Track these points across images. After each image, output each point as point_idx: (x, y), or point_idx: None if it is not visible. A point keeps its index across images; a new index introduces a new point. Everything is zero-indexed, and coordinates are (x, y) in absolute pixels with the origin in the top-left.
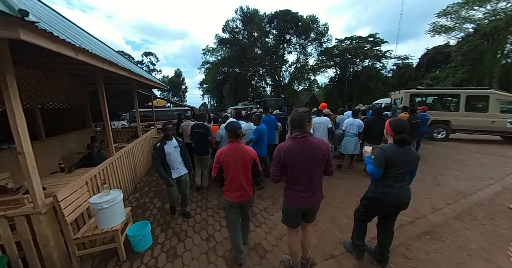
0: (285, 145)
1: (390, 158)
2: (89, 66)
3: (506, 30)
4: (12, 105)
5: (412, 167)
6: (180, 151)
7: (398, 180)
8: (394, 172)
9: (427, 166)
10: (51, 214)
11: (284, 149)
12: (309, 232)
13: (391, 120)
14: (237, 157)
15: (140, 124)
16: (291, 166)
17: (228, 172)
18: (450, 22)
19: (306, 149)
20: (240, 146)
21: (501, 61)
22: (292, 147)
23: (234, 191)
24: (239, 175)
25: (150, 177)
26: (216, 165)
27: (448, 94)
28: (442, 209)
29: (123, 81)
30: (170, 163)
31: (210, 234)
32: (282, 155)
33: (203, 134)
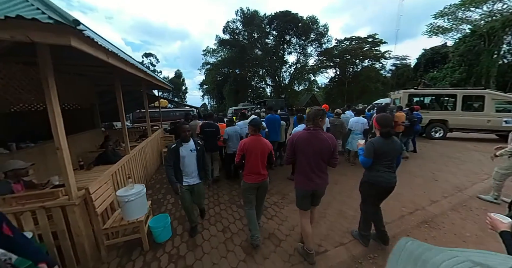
0: (298, 134)
1: (378, 148)
2: (102, 67)
3: (502, 31)
4: (52, 105)
5: (397, 154)
6: (197, 155)
7: (386, 167)
8: (382, 160)
9: (425, 163)
10: (83, 205)
11: (297, 137)
12: (314, 214)
13: (377, 117)
14: (257, 147)
15: (145, 124)
16: (301, 151)
17: (250, 159)
18: (447, 23)
19: (315, 139)
20: (260, 138)
21: (498, 61)
22: (304, 136)
23: (253, 175)
24: (257, 161)
25: (160, 175)
26: (240, 152)
27: (445, 94)
28: (439, 201)
29: (133, 82)
30: (184, 168)
31: (226, 226)
32: (294, 141)
33: (214, 132)
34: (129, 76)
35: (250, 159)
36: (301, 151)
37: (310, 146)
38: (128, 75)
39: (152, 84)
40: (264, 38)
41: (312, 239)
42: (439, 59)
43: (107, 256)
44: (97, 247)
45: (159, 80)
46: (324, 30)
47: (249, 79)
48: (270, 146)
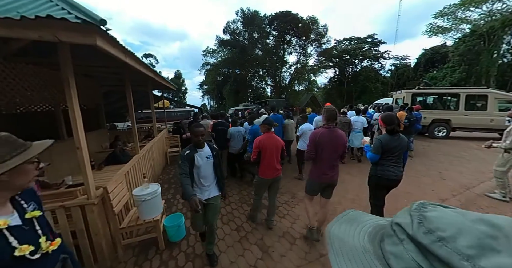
0: (320, 131)
1: (385, 145)
2: (109, 68)
3: (502, 31)
4: (73, 104)
5: (403, 150)
6: (214, 162)
7: (393, 161)
8: (389, 155)
9: (431, 162)
10: (101, 205)
11: (319, 134)
12: (328, 209)
13: (382, 116)
14: (272, 144)
15: (147, 125)
16: (322, 148)
17: (266, 155)
18: (447, 23)
19: (334, 136)
20: (273, 135)
21: (498, 61)
22: (325, 133)
23: (270, 170)
24: (273, 157)
25: (167, 175)
26: (256, 149)
27: (448, 93)
28: (448, 199)
29: (137, 82)
30: (199, 179)
31: (239, 225)
32: (317, 138)
33: (225, 130)
34: (136, 77)
35: (266, 155)
36: (323, 147)
37: (330, 142)
38: (136, 75)
39: (158, 85)
40: (264, 39)
41: (315, 217)
42: (439, 59)
43: (123, 255)
44: (113, 246)
45: (166, 80)
46: (324, 31)
47: (249, 79)
48: (282, 142)
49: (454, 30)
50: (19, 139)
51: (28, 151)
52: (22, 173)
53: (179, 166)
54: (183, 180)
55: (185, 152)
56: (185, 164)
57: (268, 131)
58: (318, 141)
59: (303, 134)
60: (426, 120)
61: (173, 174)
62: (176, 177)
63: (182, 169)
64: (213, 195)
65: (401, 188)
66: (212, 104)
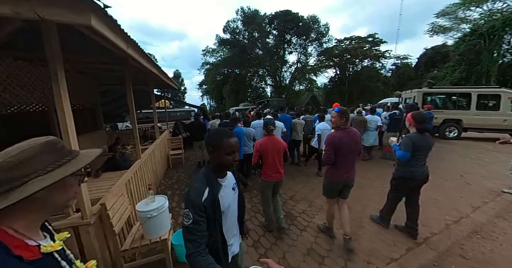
0: (337, 134)
1: (416, 143)
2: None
3: (502, 30)
4: (62, 102)
5: (430, 149)
6: (240, 195)
7: (420, 161)
8: (417, 154)
9: (450, 165)
10: (98, 223)
11: (337, 137)
12: (346, 209)
13: (413, 114)
14: (272, 147)
15: (146, 125)
16: (341, 149)
17: (268, 159)
18: (448, 23)
19: (350, 136)
20: (274, 137)
21: (498, 60)
22: (342, 135)
23: (272, 173)
24: (275, 160)
25: (169, 180)
26: (256, 153)
27: (460, 93)
28: (481, 207)
29: (139, 81)
30: (226, 227)
31: (255, 240)
32: (336, 142)
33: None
34: (137, 73)
35: (267, 159)
36: (342, 149)
37: (349, 143)
38: (137, 72)
39: (160, 83)
40: (264, 38)
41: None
42: (439, 59)
43: None
44: None
45: (169, 77)
46: (325, 30)
47: (249, 79)
48: (285, 144)
49: (454, 29)
50: (65, 145)
51: (74, 160)
52: (63, 188)
53: (187, 228)
54: (201, 262)
55: (200, 192)
56: (202, 219)
57: (268, 133)
58: (337, 144)
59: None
60: (437, 121)
61: (176, 179)
62: (179, 182)
63: (195, 234)
64: (237, 249)
65: (426, 194)
66: (211, 104)
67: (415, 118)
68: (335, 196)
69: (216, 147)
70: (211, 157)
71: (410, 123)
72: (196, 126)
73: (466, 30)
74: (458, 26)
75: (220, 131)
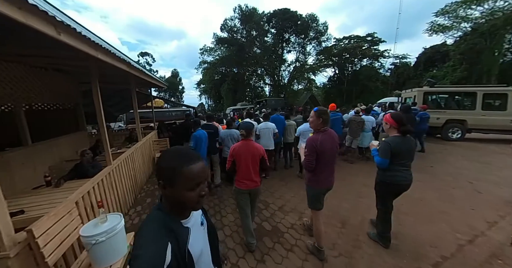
0: (318, 137)
1: (395, 148)
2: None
3: (503, 29)
4: None
5: (413, 153)
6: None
7: (403, 166)
8: (399, 160)
9: (456, 170)
10: (26, 254)
11: (319, 140)
12: None
13: (393, 115)
14: (247, 153)
15: (141, 125)
16: (324, 153)
17: (241, 165)
18: (448, 21)
19: (331, 138)
20: (250, 143)
21: (499, 60)
22: (324, 137)
23: (245, 181)
24: (249, 167)
25: (152, 186)
26: (230, 158)
27: (464, 92)
28: (497, 223)
29: (121, 79)
30: None
31: (234, 262)
32: (318, 146)
33: (213, 134)
34: (113, 71)
35: (240, 165)
36: (324, 153)
37: (330, 146)
38: (108, 67)
39: (143, 82)
40: (262, 36)
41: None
42: (439, 58)
43: None
44: None
45: (150, 76)
46: (324, 29)
47: (248, 78)
48: (262, 150)
49: (454, 28)
50: None
51: None
52: None
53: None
54: None
55: (158, 258)
56: None
57: (245, 138)
58: (320, 148)
59: (301, 134)
60: (439, 121)
61: None
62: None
63: None
64: None
65: (433, 206)
66: (209, 104)
67: (396, 120)
68: (321, 207)
69: (171, 180)
70: (165, 193)
71: (391, 125)
72: (186, 127)
73: (467, 29)
74: (458, 25)
75: (177, 154)
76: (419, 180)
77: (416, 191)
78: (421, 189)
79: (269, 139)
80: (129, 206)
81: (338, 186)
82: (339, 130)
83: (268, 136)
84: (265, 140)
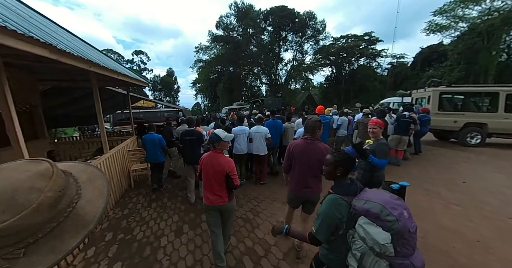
0: (295, 142)
1: None
2: None
3: (501, 29)
4: None
5: None
6: None
7: None
8: None
9: (498, 188)
10: None
11: (293, 145)
12: (309, 224)
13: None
14: (210, 165)
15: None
16: (295, 159)
17: (204, 177)
18: (446, 21)
19: (310, 149)
20: (215, 155)
21: (496, 59)
22: (300, 144)
23: (208, 196)
24: (210, 181)
25: (121, 210)
26: (199, 169)
27: (485, 92)
28: None
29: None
30: None
31: None
32: (291, 149)
33: (195, 141)
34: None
35: (204, 177)
36: (296, 158)
37: (305, 154)
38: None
39: (107, 79)
40: (259, 34)
41: None
42: (436, 58)
43: None
44: None
45: (118, 72)
46: (322, 27)
47: (244, 77)
48: (229, 166)
49: (452, 28)
50: None
51: None
52: None
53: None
54: None
55: None
56: None
57: (213, 149)
58: (292, 151)
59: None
60: (456, 125)
61: (131, 207)
62: (135, 213)
63: None
64: None
65: (498, 251)
66: (206, 103)
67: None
68: (296, 206)
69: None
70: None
71: (381, 129)
72: (167, 132)
73: (464, 28)
74: (456, 24)
75: None
76: (457, 204)
77: (462, 224)
78: (467, 220)
79: (261, 143)
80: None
81: None
82: (326, 135)
83: (259, 140)
84: (256, 144)
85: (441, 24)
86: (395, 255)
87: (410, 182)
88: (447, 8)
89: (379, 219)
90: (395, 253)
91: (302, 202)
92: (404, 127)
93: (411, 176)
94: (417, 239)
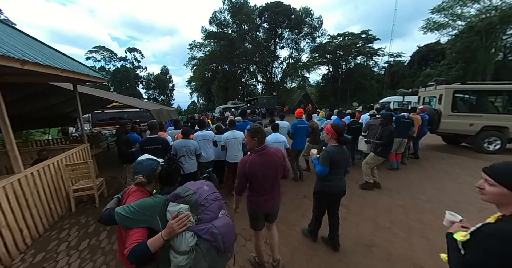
0: (248, 159)
1: (333, 157)
2: None
3: (500, 27)
4: None
5: (347, 162)
6: None
7: (337, 174)
8: (335, 168)
9: None
10: None
11: (248, 162)
12: (274, 232)
13: (333, 125)
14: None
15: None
16: (256, 176)
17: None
18: (444, 19)
19: (267, 160)
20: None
21: (494, 58)
22: (255, 160)
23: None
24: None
25: (35, 254)
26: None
27: (507, 91)
28: None
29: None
30: None
31: None
32: (247, 168)
33: (160, 150)
34: None
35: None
36: (256, 176)
37: (264, 168)
38: None
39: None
40: (254, 31)
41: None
42: (432, 57)
43: None
44: None
45: (39, 63)
46: (318, 23)
47: (239, 75)
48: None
49: (450, 26)
50: None
51: None
52: None
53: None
54: None
55: None
56: None
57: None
58: (248, 170)
59: None
60: (472, 128)
61: (58, 240)
62: (71, 247)
63: None
64: None
65: None
66: (201, 102)
67: (336, 130)
68: (261, 227)
69: None
70: None
71: (331, 136)
72: (122, 141)
73: (462, 27)
74: (454, 23)
75: None
76: None
77: None
78: None
79: (238, 150)
80: None
81: None
82: (303, 141)
83: (236, 147)
84: (233, 152)
85: (439, 22)
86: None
87: None
88: (446, 6)
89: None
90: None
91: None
92: (404, 129)
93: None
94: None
